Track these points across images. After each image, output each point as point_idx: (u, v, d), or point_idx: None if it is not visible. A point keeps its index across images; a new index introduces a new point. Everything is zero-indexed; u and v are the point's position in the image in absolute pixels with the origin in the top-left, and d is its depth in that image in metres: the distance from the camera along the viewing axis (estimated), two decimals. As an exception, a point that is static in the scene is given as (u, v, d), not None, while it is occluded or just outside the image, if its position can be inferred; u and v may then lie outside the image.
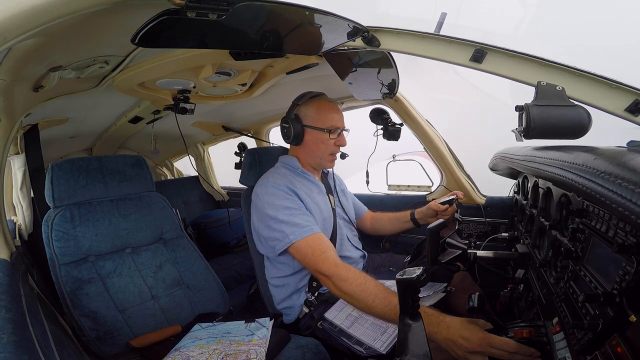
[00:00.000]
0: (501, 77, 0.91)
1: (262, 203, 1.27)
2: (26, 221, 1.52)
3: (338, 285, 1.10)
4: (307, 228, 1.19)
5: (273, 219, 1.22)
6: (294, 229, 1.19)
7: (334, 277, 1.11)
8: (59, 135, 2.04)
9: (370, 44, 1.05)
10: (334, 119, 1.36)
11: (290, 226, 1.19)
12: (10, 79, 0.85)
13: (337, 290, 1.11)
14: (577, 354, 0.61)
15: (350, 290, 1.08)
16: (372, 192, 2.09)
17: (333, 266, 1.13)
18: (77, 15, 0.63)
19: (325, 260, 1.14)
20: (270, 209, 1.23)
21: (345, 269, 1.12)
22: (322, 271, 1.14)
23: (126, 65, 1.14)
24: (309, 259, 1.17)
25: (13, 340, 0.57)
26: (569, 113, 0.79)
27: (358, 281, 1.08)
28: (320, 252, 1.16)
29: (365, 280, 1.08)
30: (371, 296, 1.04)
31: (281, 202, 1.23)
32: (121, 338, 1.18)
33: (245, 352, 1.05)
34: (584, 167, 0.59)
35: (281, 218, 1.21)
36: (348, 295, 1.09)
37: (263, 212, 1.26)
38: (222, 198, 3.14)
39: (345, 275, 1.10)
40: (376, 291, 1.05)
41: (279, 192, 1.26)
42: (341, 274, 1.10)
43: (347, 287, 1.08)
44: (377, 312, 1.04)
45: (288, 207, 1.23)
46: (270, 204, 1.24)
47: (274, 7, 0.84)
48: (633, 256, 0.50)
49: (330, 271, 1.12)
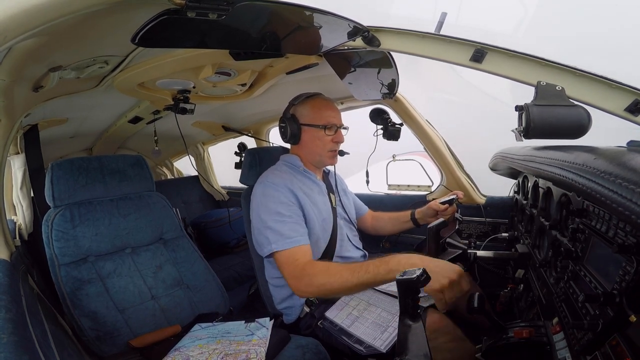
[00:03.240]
0: (501, 77, 0.91)
1: (258, 203, 1.27)
2: (26, 221, 1.52)
3: (308, 284, 1.09)
4: (292, 240, 1.18)
5: (262, 222, 1.22)
6: (278, 238, 1.18)
7: (302, 279, 1.10)
8: (59, 135, 2.04)
9: (371, 44, 1.05)
10: (330, 116, 1.36)
11: (275, 234, 1.18)
12: (10, 79, 0.86)
13: (311, 289, 1.10)
14: (577, 354, 0.61)
15: (317, 282, 1.06)
16: (372, 191, 2.09)
17: (300, 269, 1.11)
18: (77, 15, 0.63)
19: (295, 268, 1.13)
20: (263, 212, 1.24)
21: (310, 267, 1.11)
22: (290, 281, 1.13)
23: (126, 65, 1.14)
24: (283, 270, 1.17)
25: (13, 340, 0.57)
26: (568, 113, 0.79)
27: (321, 268, 1.09)
28: (292, 261, 1.15)
29: (327, 266, 1.10)
30: (338, 274, 1.03)
31: (275, 206, 1.23)
32: (121, 338, 1.18)
33: (245, 352, 1.05)
34: (584, 166, 0.59)
35: (269, 224, 1.20)
36: (321, 288, 1.06)
37: (256, 213, 1.26)
38: (222, 198, 3.14)
39: (311, 272, 1.09)
40: (340, 268, 1.05)
41: (275, 193, 1.25)
42: (305, 278, 1.09)
43: (315, 281, 1.07)
44: (352, 282, 1.00)
45: (279, 212, 1.22)
46: (264, 206, 1.24)
47: (274, 7, 0.84)
48: (633, 256, 0.50)
49: (298, 274, 1.11)
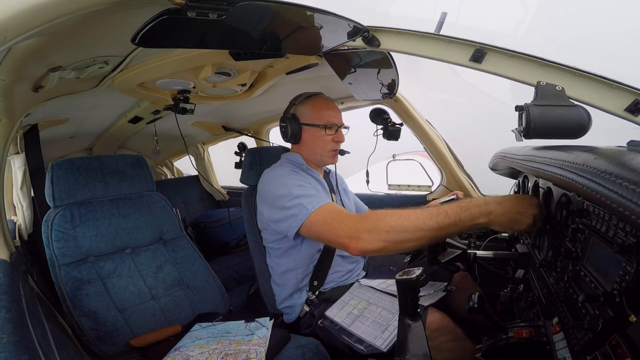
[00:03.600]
0: (501, 77, 0.91)
1: (273, 186, 1.24)
2: (26, 221, 1.52)
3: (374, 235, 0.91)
4: (324, 198, 1.15)
5: (286, 196, 1.15)
6: (311, 199, 1.11)
7: (362, 231, 0.94)
8: (59, 135, 2.04)
9: (370, 44, 1.05)
10: (330, 116, 1.36)
11: (307, 197, 1.12)
12: (10, 79, 0.86)
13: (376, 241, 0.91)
14: (577, 354, 0.61)
15: (387, 225, 0.90)
16: (372, 191, 2.09)
17: (356, 218, 0.99)
18: (77, 15, 0.63)
19: (347, 217, 1.01)
20: (282, 189, 1.19)
21: (370, 214, 0.98)
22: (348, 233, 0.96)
23: (126, 65, 1.14)
24: (329, 225, 1.03)
25: (13, 340, 0.57)
26: (568, 113, 0.79)
27: (386, 213, 0.94)
28: (338, 212, 1.05)
29: (393, 210, 0.94)
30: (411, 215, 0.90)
31: (292, 181, 1.21)
32: (121, 338, 1.18)
33: (245, 351, 1.05)
34: (584, 166, 0.59)
35: (296, 193, 1.15)
36: (390, 232, 0.90)
37: (274, 195, 1.20)
38: (222, 197, 3.14)
39: (373, 218, 0.94)
40: (410, 211, 0.91)
41: (287, 174, 1.26)
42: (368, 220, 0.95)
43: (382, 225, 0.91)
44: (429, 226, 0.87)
45: (300, 185, 1.20)
46: (281, 184, 1.21)
47: (274, 7, 0.84)
48: (633, 256, 0.50)
49: (355, 224, 0.96)
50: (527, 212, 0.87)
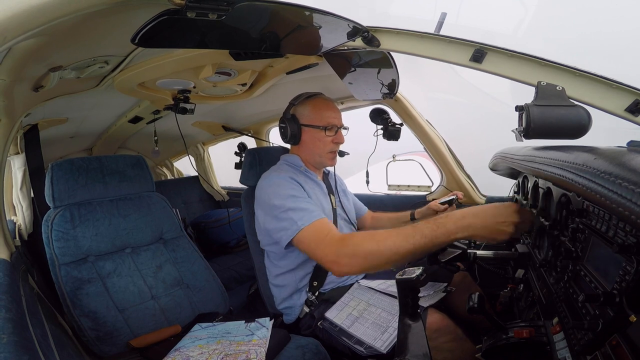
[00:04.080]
0: (501, 77, 0.91)
1: (268, 195, 1.24)
2: (26, 221, 1.52)
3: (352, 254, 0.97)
4: (315, 213, 1.15)
5: (279, 208, 1.18)
6: (302, 214, 1.13)
7: (343, 250, 0.99)
8: (59, 135, 2.04)
9: (370, 44, 1.05)
10: (330, 117, 1.36)
11: (298, 212, 1.14)
12: (10, 79, 0.86)
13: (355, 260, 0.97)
14: (577, 354, 0.61)
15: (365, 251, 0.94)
16: (372, 192, 2.09)
17: (338, 241, 1.02)
18: (77, 15, 0.63)
19: (331, 241, 1.04)
20: (277, 199, 1.20)
21: (349, 238, 1.01)
22: (328, 257, 1.02)
23: (126, 65, 1.14)
24: (316, 247, 1.07)
25: (13, 340, 0.57)
26: (569, 113, 0.79)
27: (364, 236, 0.98)
28: (324, 234, 1.07)
29: (372, 233, 0.97)
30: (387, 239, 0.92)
31: (287, 192, 1.21)
32: (121, 338, 1.18)
33: (245, 352, 1.05)
34: (584, 167, 0.59)
35: (288, 205, 1.16)
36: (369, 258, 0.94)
37: (269, 204, 1.22)
38: (222, 198, 3.14)
39: (351, 243, 0.98)
40: (388, 233, 0.94)
41: (283, 182, 1.25)
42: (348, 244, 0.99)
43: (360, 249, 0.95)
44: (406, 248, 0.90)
45: (294, 195, 1.20)
46: (276, 194, 1.22)
47: (274, 7, 0.84)
48: (633, 256, 0.50)
49: (337, 247, 1.01)
50: (506, 221, 0.85)
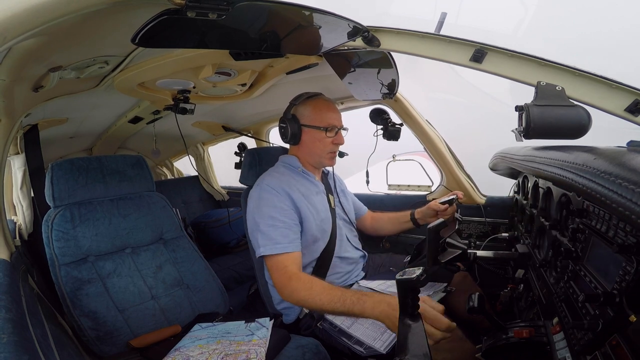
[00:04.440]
0: (501, 77, 0.91)
1: (253, 206, 1.29)
2: (26, 221, 1.52)
3: (290, 295, 1.16)
4: (280, 246, 1.20)
5: (255, 225, 1.26)
6: (267, 242, 1.21)
7: (286, 289, 1.16)
8: (59, 135, 2.04)
9: (370, 44, 1.05)
10: (331, 118, 1.36)
11: (265, 239, 1.22)
12: (10, 79, 0.86)
13: (292, 300, 1.17)
14: (577, 354, 0.61)
15: (297, 297, 1.13)
16: (372, 192, 2.09)
17: (286, 279, 1.17)
18: (77, 15, 0.63)
19: (283, 274, 1.18)
20: (257, 215, 1.26)
21: (296, 280, 1.15)
22: (277, 287, 1.20)
23: (126, 65, 1.14)
24: (272, 273, 1.22)
25: (13, 340, 0.57)
26: (568, 113, 0.79)
27: (304, 284, 1.13)
28: (282, 267, 1.19)
29: (311, 284, 1.13)
30: (317, 296, 1.09)
31: (268, 210, 1.24)
32: (121, 338, 1.18)
33: (245, 352, 1.05)
34: (584, 167, 0.59)
35: (261, 227, 1.23)
36: (301, 303, 1.15)
37: (251, 215, 1.29)
38: (222, 198, 3.14)
39: (295, 285, 1.14)
40: (322, 290, 1.10)
41: (270, 196, 1.27)
42: (289, 287, 1.15)
43: (296, 295, 1.13)
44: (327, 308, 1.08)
45: (272, 216, 1.24)
46: (258, 209, 1.27)
47: (274, 7, 0.84)
48: (633, 256, 0.50)
49: (284, 283, 1.17)
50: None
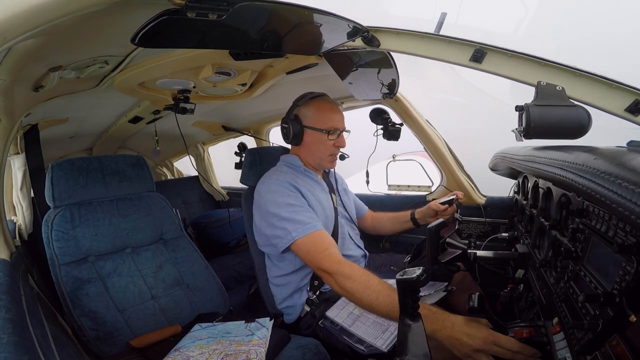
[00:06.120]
0: (501, 77, 0.91)
1: (265, 201, 1.25)
2: (26, 221, 1.52)
3: (340, 283, 1.08)
4: (310, 225, 1.18)
5: (275, 216, 1.21)
6: (297, 226, 1.17)
7: (336, 274, 1.09)
8: (59, 135, 2.04)
9: (370, 44, 1.05)
10: (334, 120, 1.36)
11: (293, 223, 1.18)
12: (10, 79, 0.86)
13: (339, 288, 1.09)
14: (577, 354, 0.61)
15: (352, 288, 1.05)
16: (372, 192, 2.09)
17: (336, 263, 1.11)
18: (77, 15, 0.63)
19: (328, 257, 1.12)
20: (273, 207, 1.22)
21: (348, 266, 1.09)
22: (325, 268, 1.12)
23: (126, 65, 1.14)
24: (311, 256, 1.16)
25: (13, 340, 0.57)
26: (568, 113, 0.79)
27: (361, 279, 1.05)
28: (322, 249, 1.14)
29: (368, 277, 1.06)
30: (374, 294, 1.02)
31: (283, 199, 1.22)
32: (121, 338, 1.18)
33: (245, 352, 1.05)
34: (584, 167, 0.59)
35: (284, 215, 1.19)
36: (350, 293, 1.06)
37: (265, 210, 1.24)
38: (222, 198, 3.14)
39: (349, 273, 1.07)
40: (379, 289, 1.02)
41: (281, 188, 1.25)
42: (344, 271, 1.08)
43: (349, 284, 1.06)
44: (380, 310, 1.01)
45: (291, 204, 1.22)
46: (272, 202, 1.23)
47: (274, 7, 0.84)
48: (633, 256, 0.50)
49: (333, 268, 1.10)
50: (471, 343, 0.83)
